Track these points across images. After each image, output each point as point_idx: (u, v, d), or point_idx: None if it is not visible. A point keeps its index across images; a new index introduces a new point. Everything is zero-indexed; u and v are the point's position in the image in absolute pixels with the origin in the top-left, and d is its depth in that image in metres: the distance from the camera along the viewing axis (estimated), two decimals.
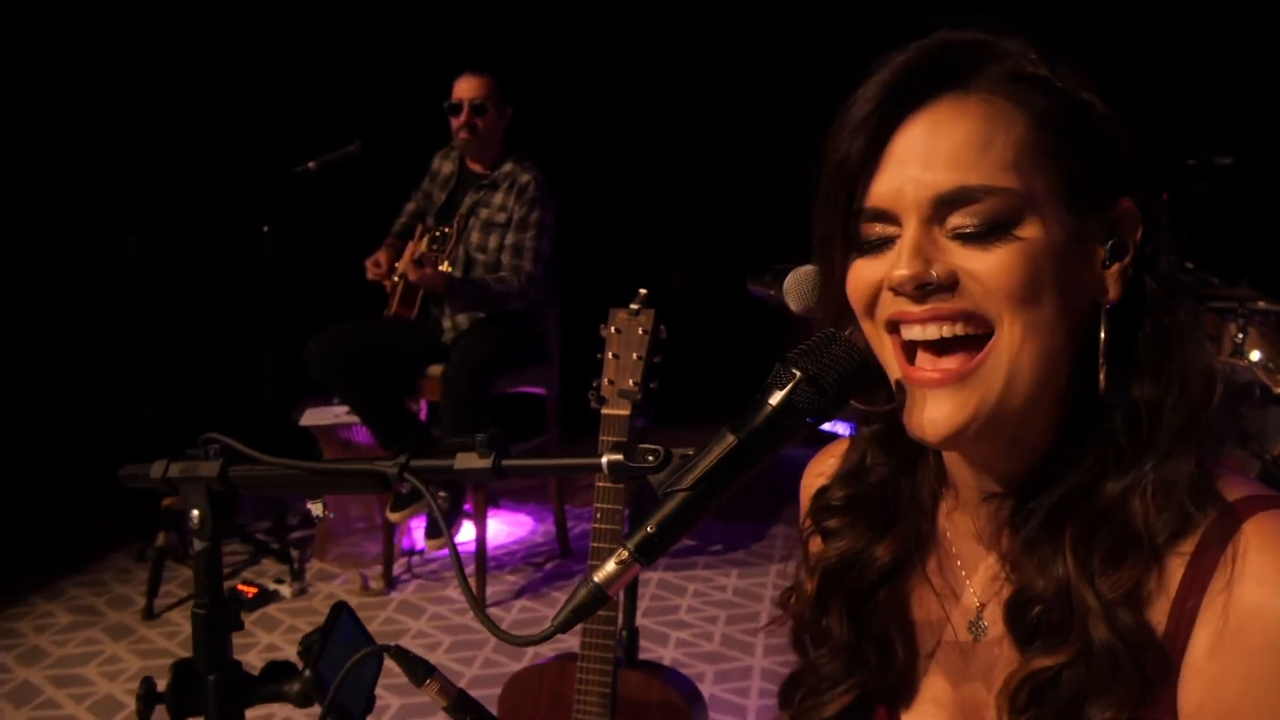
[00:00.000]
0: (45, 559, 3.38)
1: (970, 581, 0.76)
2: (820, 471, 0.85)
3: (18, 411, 3.85)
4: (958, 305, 0.65)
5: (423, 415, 3.31)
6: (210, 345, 3.82)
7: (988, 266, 0.64)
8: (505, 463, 0.71)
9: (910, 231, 0.66)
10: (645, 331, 1.52)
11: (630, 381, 1.51)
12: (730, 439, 0.60)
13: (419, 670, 0.79)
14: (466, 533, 3.53)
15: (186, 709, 0.94)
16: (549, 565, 3.48)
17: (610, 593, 0.59)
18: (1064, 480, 0.68)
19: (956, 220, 0.65)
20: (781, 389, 0.61)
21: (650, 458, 0.63)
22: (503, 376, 3.11)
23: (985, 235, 0.65)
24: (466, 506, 3.19)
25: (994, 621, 0.73)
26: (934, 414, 0.65)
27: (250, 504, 3.71)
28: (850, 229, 0.69)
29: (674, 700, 1.48)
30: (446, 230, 3.17)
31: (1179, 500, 0.65)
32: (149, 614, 2.99)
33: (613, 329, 1.54)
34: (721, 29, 4.56)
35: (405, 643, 3.03)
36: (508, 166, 3.20)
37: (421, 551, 3.47)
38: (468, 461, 0.72)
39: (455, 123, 3.18)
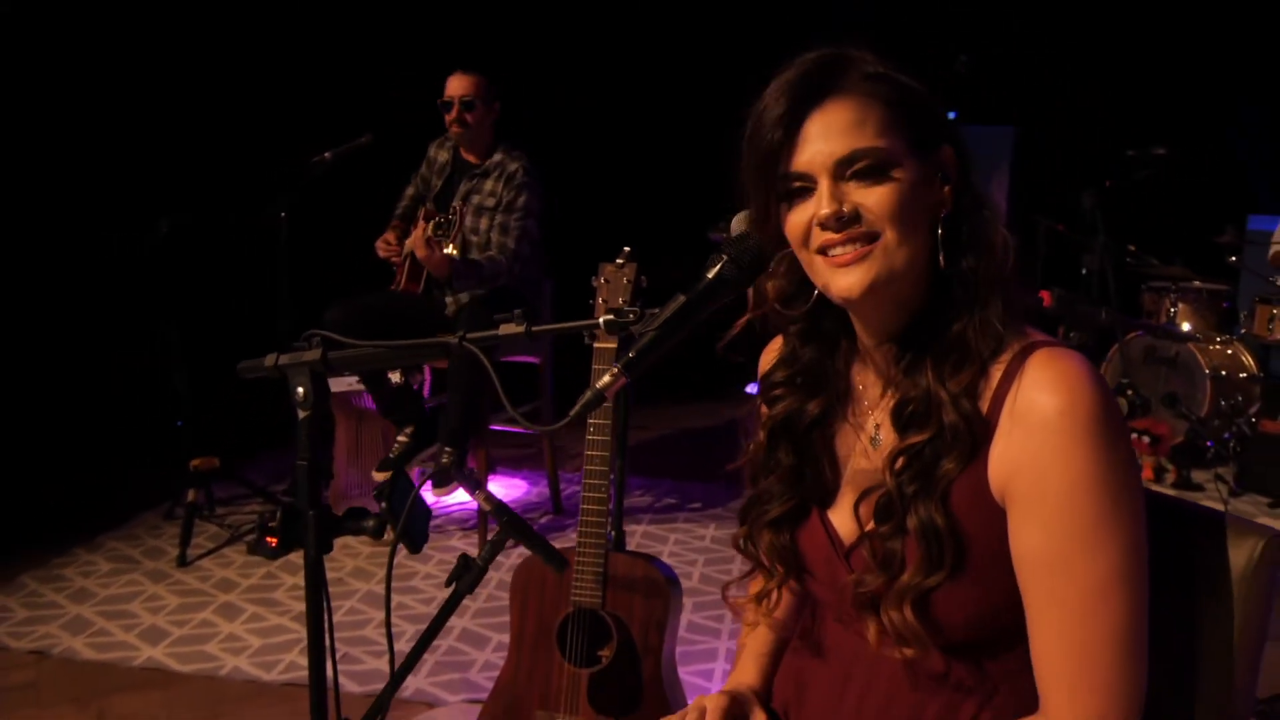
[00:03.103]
0: (81, 518, 3.67)
1: (872, 412, 1.09)
2: (774, 347, 1.18)
3: (50, 382, 4.16)
4: (861, 230, 0.97)
5: (427, 377, 3.63)
6: (233, 319, 4.13)
7: (876, 199, 0.97)
8: (534, 328, 1.05)
9: (825, 184, 0.98)
10: (629, 281, 1.86)
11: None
12: (681, 298, 0.94)
13: (472, 481, 1.13)
14: (465, 494, 3.87)
15: (290, 541, 1.26)
16: (543, 520, 3.81)
17: (607, 395, 0.92)
18: (927, 326, 1.01)
19: (848, 171, 0.98)
20: (714, 266, 0.95)
21: (631, 315, 0.96)
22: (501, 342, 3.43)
23: (870, 179, 0.97)
24: (470, 465, 3.51)
25: (886, 433, 1.06)
26: (848, 280, 0.98)
27: (269, 467, 4.02)
28: (780, 188, 1.02)
29: (655, 577, 1.82)
30: (451, 217, 3.47)
31: (996, 332, 0.98)
32: (182, 561, 3.30)
33: (602, 279, 1.88)
34: (726, 30, 4.88)
35: (415, 584, 3.39)
36: (498, 156, 3.53)
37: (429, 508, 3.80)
38: (509, 329, 1.05)
39: (447, 118, 3.51)
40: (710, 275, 0.95)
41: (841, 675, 1.11)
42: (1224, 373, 4.18)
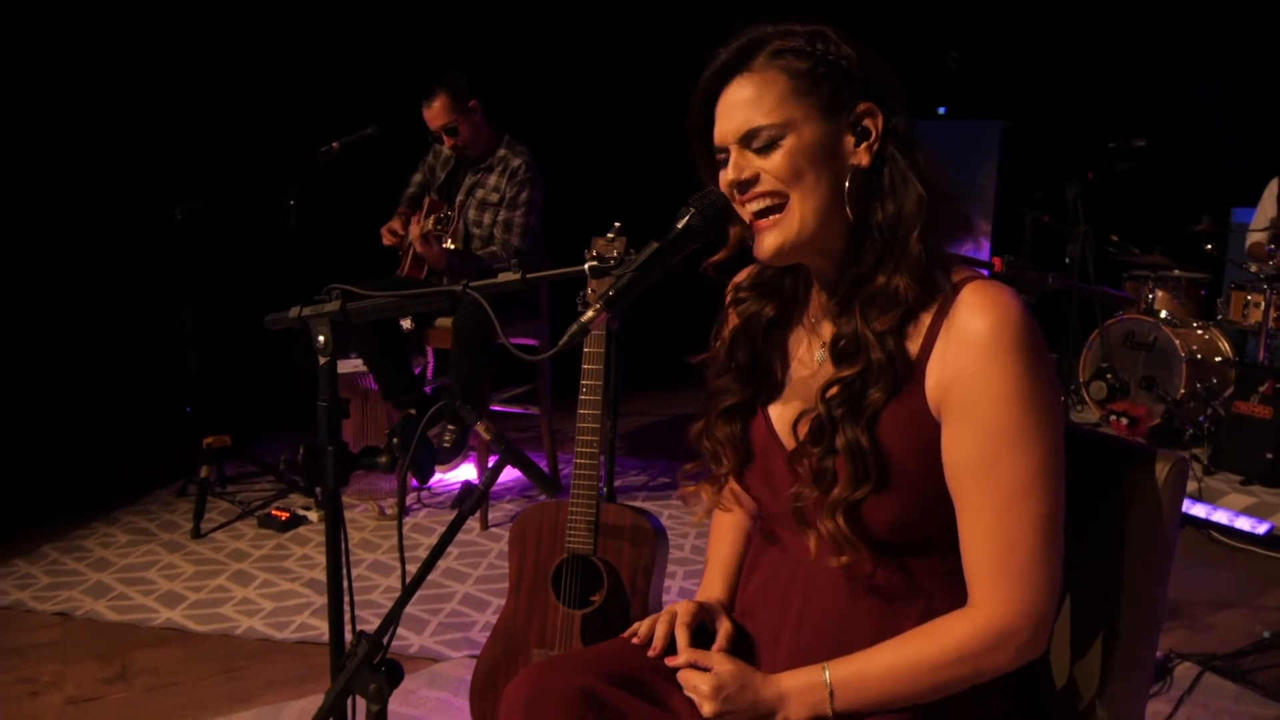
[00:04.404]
0: (98, 494, 3.83)
1: (821, 332, 1.22)
2: (744, 273, 1.30)
3: (68, 364, 4.31)
4: (759, 190, 1.12)
5: (430, 360, 3.76)
6: (244, 304, 4.28)
7: (771, 165, 1.10)
8: (529, 275, 1.19)
9: (732, 154, 1.13)
10: (619, 253, 2.00)
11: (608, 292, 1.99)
12: (655, 244, 1.09)
13: (473, 415, 1.27)
14: (468, 471, 4.01)
15: (313, 475, 1.41)
16: (541, 497, 3.95)
17: (591, 328, 1.07)
18: (852, 272, 1.14)
19: (751, 144, 1.11)
20: (683, 218, 1.10)
21: (612, 260, 1.11)
22: (502, 326, 3.58)
23: (765, 149, 1.10)
24: (472, 441, 3.66)
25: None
26: (764, 244, 1.13)
27: (278, 446, 4.16)
28: (711, 157, 1.16)
29: (643, 525, 1.96)
30: (450, 213, 3.62)
31: (921, 277, 1.10)
32: (196, 533, 3.45)
33: (594, 251, 2.02)
34: (722, 20, 5.03)
35: (420, 554, 3.52)
36: (501, 152, 3.67)
37: (430, 486, 3.95)
38: (507, 276, 1.20)
39: (446, 147, 3.68)
40: (679, 225, 1.10)
41: (785, 589, 1.25)
42: (1200, 356, 4.32)
